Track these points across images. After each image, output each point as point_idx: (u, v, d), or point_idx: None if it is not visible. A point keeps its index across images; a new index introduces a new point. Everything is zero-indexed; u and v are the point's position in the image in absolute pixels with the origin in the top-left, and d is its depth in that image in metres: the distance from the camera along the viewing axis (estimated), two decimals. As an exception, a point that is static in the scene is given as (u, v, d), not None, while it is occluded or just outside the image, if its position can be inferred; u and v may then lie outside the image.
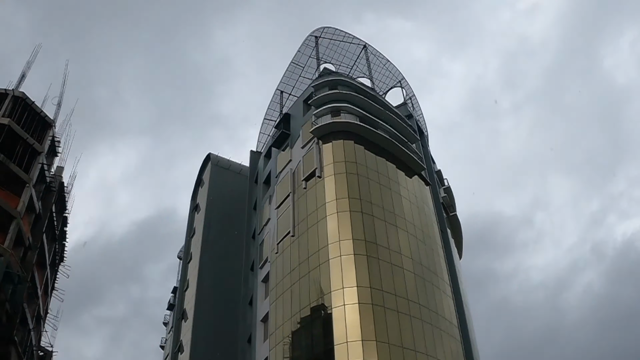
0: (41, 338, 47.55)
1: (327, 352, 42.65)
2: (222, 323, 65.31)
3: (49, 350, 50.09)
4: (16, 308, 34.82)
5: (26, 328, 39.28)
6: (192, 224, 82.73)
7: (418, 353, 44.20)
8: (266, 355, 49.83)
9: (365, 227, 47.70)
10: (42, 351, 48.77)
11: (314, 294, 46.48)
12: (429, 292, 49.29)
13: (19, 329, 36.64)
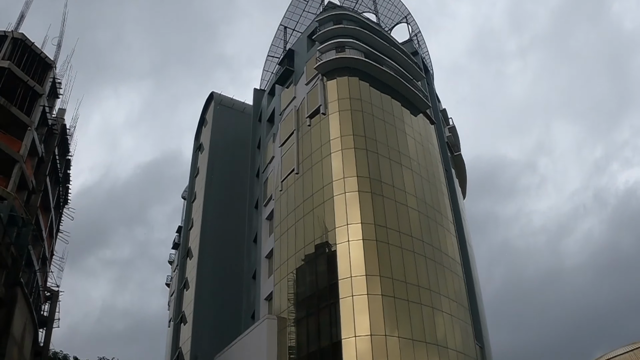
0: (47, 279, 47.97)
1: (331, 287, 43.07)
2: (226, 260, 65.88)
3: (55, 291, 50.64)
4: (21, 251, 34.90)
5: (32, 270, 39.52)
6: (195, 163, 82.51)
7: (421, 288, 44.61)
8: (271, 290, 50.44)
9: (369, 165, 47.49)
10: (48, 291, 49.28)
11: (318, 231, 46.67)
12: (432, 230, 49.48)
13: (25, 271, 36.86)
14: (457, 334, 46.70)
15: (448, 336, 45.18)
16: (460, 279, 51.16)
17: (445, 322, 45.68)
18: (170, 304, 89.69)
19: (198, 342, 60.99)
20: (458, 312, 47.87)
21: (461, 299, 49.58)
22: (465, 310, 49.60)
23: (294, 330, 45.66)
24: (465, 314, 49.27)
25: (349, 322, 40.88)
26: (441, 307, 45.70)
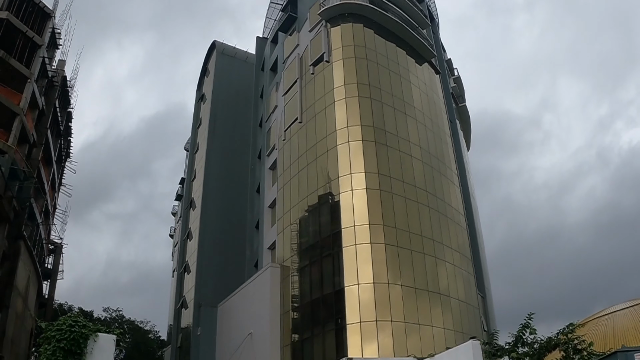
0: (50, 232, 48.00)
1: (334, 235, 43.06)
2: (229, 210, 65.93)
3: (58, 244, 50.75)
4: (23, 204, 34.78)
5: (34, 223, 39.49)
6: (198, 114, 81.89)
7: (424, 238, 44.62)
8: (274, 239, 50.51)
9: (374, 114, 46.88)
10: (51, 244, 49.40)
11: (321, 180, 46.43)
12: (436, 181, 49.22)
13: (28, 225, 36.81)
14: (460, 283, 46.90)
15: (450, 286, 45.34)
16: (463, 230, 51.16)
17: (448, 272, 45.77)
18: (173, 254, 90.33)
19: (201, 291, 61.39)
20: (461, 263, 47.99)
21: (464, 250, 49.66)
22: (467, 260, 49.73)
23: (297, 278, 45.86)
24: (467, 265, 49.42)
25: (351, 271, 40.96)
26: (444, 257, 45.78)
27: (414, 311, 40.92)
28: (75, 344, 12.75)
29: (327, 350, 39.67)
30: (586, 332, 21.02)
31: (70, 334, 12.80)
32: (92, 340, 13.01)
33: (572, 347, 19.78)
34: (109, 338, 13.29)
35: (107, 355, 13.09)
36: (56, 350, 12.55)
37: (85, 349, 12.87)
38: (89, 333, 13.11)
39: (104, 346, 13.13)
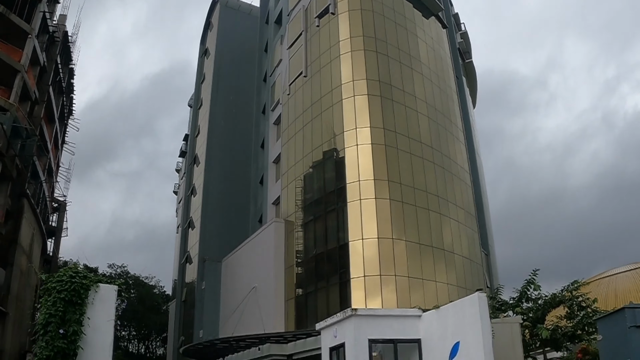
0: (54, 190, 47.85)
1: (339, 190, 42.83)
2: (233, 166, 65.76)
3: (62, 201, 50.67)
4: (26, 162, 34.48)
5: (38, 181, 39.25)
6: (201, 69, 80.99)
7: (429, 194, 44.36)
8: (278, 194, 50.35)
9: (380, 68, 46.06)
10: (55, 202, 49.33)
11: (326, 135, 45.98)
12: (442, 137, 48.71)
13: (31, 183, 36.56)
14: (464, 240, 46.86)
15: (455, 242, 45.29)
16: (468, 187, 50.87)
17: (452, 229, 45.68)
18: (178, 211, 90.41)
19: (206, 246, 61.67)
20: (465, 220, 47.86)
21: (469, 207, 49.46)
22: (472, 218, 49.60)
23: (301, 233, 45.83)
24: (472, 222, 49.32)
25: (356, 226, 40.82)
26: (449, 213, 45.58)
27: (417, 266, 40.93)
28: (76, 294, 12.56)
29: (331, 304, 39.80)
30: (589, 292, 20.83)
31: (71, 284, 12.59)
32: (93, 290, 12.82)
33: (577, 304, 19.64)
34: (111, 288, 13.09)
35: (108, 305, 12.90)
36: (57, 301, 12.36)
37: (86, 299, 12.67)
38: (90, 284, 12.90)
39: (106, 296, 12.93)
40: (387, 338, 15.37)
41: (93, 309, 12.69)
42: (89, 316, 12.55)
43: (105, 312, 12.82)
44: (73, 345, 12.12)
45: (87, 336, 12.46)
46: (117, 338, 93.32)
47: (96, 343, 12.57)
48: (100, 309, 12.78)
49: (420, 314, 15.98)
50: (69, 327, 12.11)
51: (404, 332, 15.57)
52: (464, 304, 14.44)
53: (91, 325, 12.55)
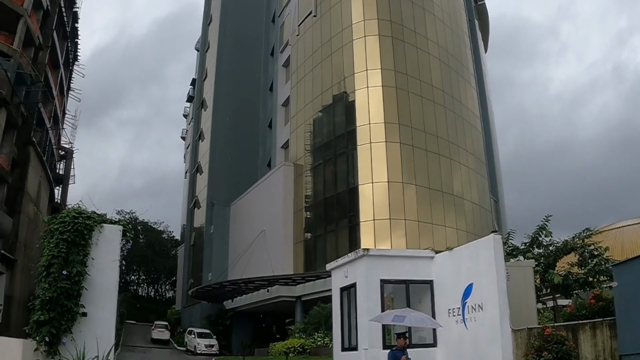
0: (60, 138, 47.33)
1: (349, 133, 42.21)
2: (241, 110, 64.96)
3: (69, 149, 50.18)
4: (31, 110, 33.75)
5: (44, 128, 38.60)
6: (208, 11, 79.28)
7: (440, 139, 43.73)
8: (287, 138, 49.77)
9: (391, 7, 44.73)
10: (62, 150, 48.86)
11: (336, 77, 45.05)
12: (453, 81, 47.75)
13: (37, 130, 35.88)
14: (474, 186, 46.44)
15: (464, 188, 44.90)
16: (479, 133, 50.12)
17: (462, 174, 45.27)
18: (185, 156, 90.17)
19: (214, 190, 61.48)
20: (475, 166, 47.40)
21: (479, 153, 48.86)
22: (482, 164, 49.09)
23: (310, 176, 45.44)
24: (482, 168, 48.83)
25: (366, 169, 40.38)
26: (459, 159, 45.08)
27: (427, 211, 40.58)
28: (79, 235, 12.10)
29: (340, 247, 39.60)
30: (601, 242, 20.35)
31: (74, 225, 12.12)
32: (97, 231, 12.35)
33: (588, 252, 19.20)
34: (115, 229, 12.62)
35: (113, 245, 12.45)
36: (59, 243, 11.91)
37: (89, 240, 12.22)
38: (94, 224, 12.42)
39: (110, 237, 12.48)
40: (399, 279, 14.93)
41: (97, 249, 12.26)
42: (93, 257, 12.11)
43: (109, 253, 12.39)
44: (77, 286, 11.74)
45: (91, 277, 12.07)
46: (126, 282, 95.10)
47: (101, 283, 12.19)
48: (105, 250, 12.34)
49: (433, 256, 15.55)
50: (72, 268, 11.71)
51: (416, 273, 15.16)
52: (479, 246, 13.97)
53: (95, 265, 12.13)
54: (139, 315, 75.93)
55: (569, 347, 12.44)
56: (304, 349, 32.47)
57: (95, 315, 11.95)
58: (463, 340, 13.84)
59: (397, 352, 11.00)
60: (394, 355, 11.00)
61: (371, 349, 13.91)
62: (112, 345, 11.74)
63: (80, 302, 11.81)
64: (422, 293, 15.30)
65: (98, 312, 12.04)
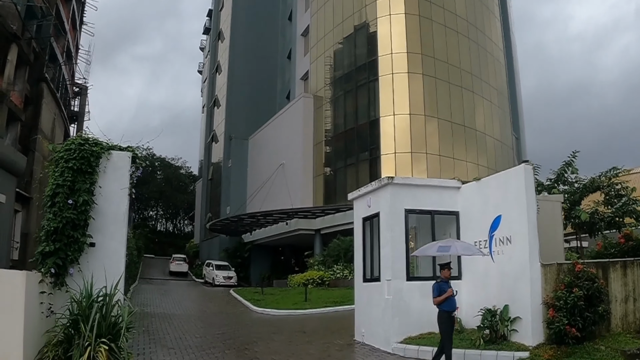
0: (74, 74, 46.44)
1: (370, 64, 41.04)
2: (259, 40, 63.42)
3: (83, 85, 49.32)
4: (43, 45, 32.70)
5: (56, 64, 37.59)
6: None
7: (463, 71, 42.52)
8: (307, 69, 48.60)
9: None
10: (76, 86, 48.03)
11: (357, 4, 43.48)
12: (477, 10, 46.10)
13: (49, 66, 34.90)
14: (496, 122, 45.43)
15: (487, 123, 43.89)
16: (502, 66, 48.60)
17: (485, 109, 44.15)
18: (203, 91, 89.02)
19: (232, 124, 60.73)
20: (498, 101, 46.20)
21: (501, 87, 47.56)
22: (504, 99, 47.88)
23: (330, 108, 44.45)
24: (504, 103, 47.68)
25: (387, 101, 39.32)
26: (482, 92, 43.86)
27: (449, 145, 39.70)
28: (86, 162, 11.36)
29: (360, 181, 38.87)
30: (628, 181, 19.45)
31: (80, 152, 11.38)
32: (104, 158, 11.61)
33: (615, 191, 18.37)
34: (124, 155, 11.87)
35: (121, 173, 11.73)
36: (64, 171, 11.20)
37: (97, 167, 11.49)
38: (101, 151, 11.67)
39: (119, 164, 11.75)
40: (424, 209, 14.13)
41: (105, 177, 11.54)
42: (100, 185, 11.38)
43: (118, 181, 11.67)
44: (83, 216, 11.07)
45: (99, 206, 11.39)
46: (145, 217, 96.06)
47: (109, 212, 11.52)
48: (113, 178, 11.63)
49: (460, 186, 14.70)
50: (78, 197, 11.03)
51: (442, 204, 14.36)
52: (508, 176, 13.14)
53: (103, 194, 11.43)
54: (158, 249, 77.19)
55: (599, 284, 11.85)
56: (322, 280, 32.59)
57: (103, 246, 11.32)
58: (489, 274, 13.18)
59: (442, 284, 10.40)
60: (439, 287, 10.39)
61: (394, 280, 13.30)
62: (121, 275, 11.17)
63: (87, 232, 11.14)
64: (447, 225, 14.55)
65: (107, 242, 11.39)
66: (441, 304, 10.38)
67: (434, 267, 13.88)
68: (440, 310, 10.39)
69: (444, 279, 10.63)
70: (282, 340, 14.48)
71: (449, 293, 10.36)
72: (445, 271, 10.72)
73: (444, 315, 10.34)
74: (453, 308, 10.40)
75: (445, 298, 10.35)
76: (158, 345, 13.24)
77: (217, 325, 17.61)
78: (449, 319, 10.32)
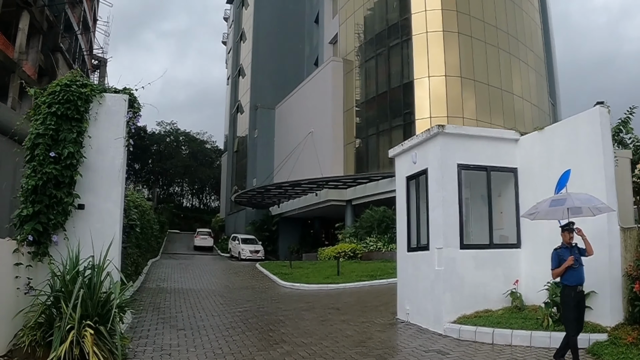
0: (92, 46, 44.95)
1: (403, 22, 38.71)
2: (285, 4, 61.17)
3: (102, 58, 47.95)
4: (57, 13, 31.12)
5: (72, 34, 35.98)
6: None
7: (499, 30, 40.21)
8: (336, 32, 46.38)
9: None
10: (95, 59, 46.68)
11: (388, -41, 40.83)
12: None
13: (65, 37, 33.36)
14: (533, 86, 43.20)
15: (524, 87, 41.42)
16: (537, 27, 46.13)
17: (522, 72, 41.72)
18: (227, 62, 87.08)
19: (257, 93, 58.70)
20: (535, 64, 43.80)
21: (538, 50, 45.24)
22: (541, 62, 45.55)
23: (361, 72, 42.22)
24: (541, 67, 45.46)
25: (421, 62, 36.96)
26: (518, 54, 41.52)
27: (486, 110, 37.27)
28: (73, 107, 9.30)
29: (393, 147, 36.72)
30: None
31: (65, 94, 9.31)
32: (96, 102, 9.54)
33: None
34: (119, 99, 9.78)
35: (116, 120, 9.66)
36: (47, 118, 9.16)
37: (86, 114, 9.42)
38: (92, 93, 9.60)
39: (113, 109, 9.68)
40: (479, 164, 11.84)
41: (97, 126, 9.50)
42: (90, 135, 9.31)
43: (112, 130, 9.61)
44: (69, 171, 9.02)
45: (89, 160, 9.36)
46: (169, 194, 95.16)
47: (101, 168, 9.48)
48: (107, 126, 9.57)
49: (518, 138, 12.39)
50: (62, 149, 8.97)
51: (499, 159, 12.05)
52: (578, 122, 10.86)
53: (94, 146, 9.39)
54: (184, 224, 76.58)
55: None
56: (355, 253, 30.77)
57: (95, 207, 9.30)
58: (556, 241, 10.86)
59: (562, 251, 8.03)
60: (558, 255, 8.05)
61: (446, 248, 11.08)
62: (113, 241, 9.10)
63: (74, 192, 9.11)
64: (502, 184, 12.25)
65: (99, 203, 9.36)
66: (562, 276, 8.14)
67: (491, 233, 11.69)
68: (562, 286, 8.17)
69: (566, 245, 8.28)
70: (313, 319, 12.44)
71: (569, 262, 7.99)
72: (565, 234, 8.27)
73: (565, 291, 8.08)
74: (579, 281, 8.08)
75: (566, 268, 8.07)
76: (166, 325, 11.26)
77: (240, 302, 15.65)
78: (573, 295, 8.01)
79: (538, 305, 10.70)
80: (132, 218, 16.89)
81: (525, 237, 11.87)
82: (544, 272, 10.69)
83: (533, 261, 11.45)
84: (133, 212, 17.28)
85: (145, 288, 18.59)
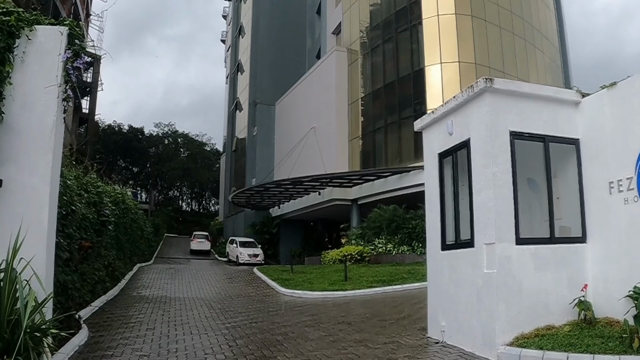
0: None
1: (412, 5, 37.03)
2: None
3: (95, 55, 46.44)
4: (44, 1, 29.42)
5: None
6: None
7: (514, 15, 38.72)
8: (339, 21, 44.25)
9: None
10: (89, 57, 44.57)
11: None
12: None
13: None
14: (548, 75, 41.26)
15: (540, 76, 39.46)
16: (551, 13, 44.22)
17: (538, 60, 40.16)
18: (226, 60, 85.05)
19: (256, 89, 56.34)
20: (549, 51, 42.24)
21: (552, 37, 43.52)
22: (556, 51, 44.01)
23: (367, 62, 39.99)
24: (556, 56, 43.75)
25: (433, 47, 34.65)
26: (533, 41, 39.83)
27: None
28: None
29: (403, 141, 34.30)
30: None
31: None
32: (23, 38, 6.71)
33: None
34: (54, 31, 6.96)
35: (50, 61, 6.86)
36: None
37: (8, 53, 6.60)
38: (18, 24, 6.80)
39: (46, 46, 6.93)
40: (535, 133, 8.83)
41: (23, 69, 6.72)
42: (12, 82, 6.49)
43: (44, 74, 6.86)
44: (-25, 134, 6.20)
45: (9, 116, 6.60)
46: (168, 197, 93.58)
47: (26, 128, 6.70)
48: (36, 70, 6.85)
49: (579, 100, 9.25)
50: (-27, 100, 6.15)
51: (556, 127, 8.99)
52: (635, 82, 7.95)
53: (17, 98, 6.57)
54: (183, 228, 74.16)
55: None
56: (362, 256, 28.25)
57: (16, 183, 6.49)
58: (637, 230, 7.98)
59: None
60: None
61: (499, 243, 8.10)
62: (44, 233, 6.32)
63: (-17, 162, 6.35)
64: (560, 159, 9.18)
65: (22, 177, 6.53)
66: None
67: (551, 224, 8.71)
68: None
69: None
70: (319, 339, 9.53)
71: None
72: None
73: None
74: None
75: None
76: (127, 349, 8.37)
77: (230, 314, 12.82)
78: None
79: (615, 319, 7.86)
80: (104, 213, 14.24)
81: (592, 229, 8.87)
82: (620, 274, 7.92)
83: (604, 259, 8.49)
84: (107, 207, 14.65)
85: (124, 296, 15.82)
